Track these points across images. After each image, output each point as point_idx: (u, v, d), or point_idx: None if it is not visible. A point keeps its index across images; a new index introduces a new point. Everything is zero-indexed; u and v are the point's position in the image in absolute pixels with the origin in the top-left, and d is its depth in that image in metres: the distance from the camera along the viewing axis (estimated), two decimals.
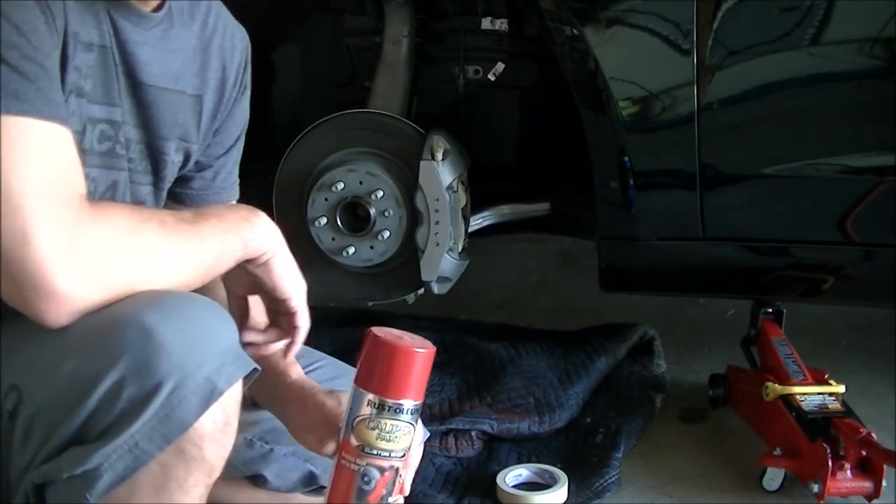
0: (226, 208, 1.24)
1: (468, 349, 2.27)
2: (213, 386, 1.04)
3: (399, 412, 1.18)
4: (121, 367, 1.01)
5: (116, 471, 1.02)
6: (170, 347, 1.02)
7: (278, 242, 1.24)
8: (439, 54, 2.22)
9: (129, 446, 1.01)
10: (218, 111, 1.40)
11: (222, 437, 1.07)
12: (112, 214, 1.08)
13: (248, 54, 1.44)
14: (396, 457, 1.20)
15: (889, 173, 1.84)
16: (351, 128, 2.08)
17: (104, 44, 1.18)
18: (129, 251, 1.07)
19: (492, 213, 2.20)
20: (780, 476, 1.80)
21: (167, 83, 1.28)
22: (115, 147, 1.23)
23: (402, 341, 1.19)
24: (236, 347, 1.10)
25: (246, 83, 1.45)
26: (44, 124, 1.03)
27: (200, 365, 1.03)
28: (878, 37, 1.77)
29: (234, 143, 1.47)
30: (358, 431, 1.19)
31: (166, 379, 1.01)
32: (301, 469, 1.45)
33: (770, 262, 1.99)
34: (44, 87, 1.04)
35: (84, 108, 1.16)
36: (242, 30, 1.43)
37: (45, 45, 1.06)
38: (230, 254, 1.18)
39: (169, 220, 1.12)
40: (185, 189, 1.44)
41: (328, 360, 1.55)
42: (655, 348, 2.33)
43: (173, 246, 1.10)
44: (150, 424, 1.01)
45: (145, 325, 1.02)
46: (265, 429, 1.42)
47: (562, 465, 1.88)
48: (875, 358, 2.37)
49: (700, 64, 1.80)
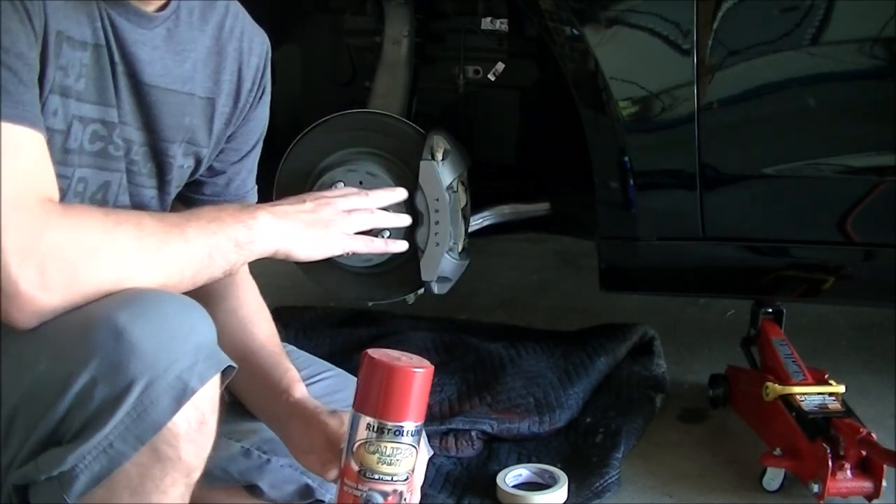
0: (222, 209, 1.22)
1: (468, 349, 2.27)
2: (185, 384, 1.03)
3: (400, 434, 1.16)
4: (92, 367, 1.00)
5: (92, 472, 1.01)
6: (141, 347, 1.01)
7: (284, 238, 1.23)
8: (439, 54, 2.22)
9: (103, 447, 1.01)
10: (233, 116, 1.37)
11: (198, 437, 1.06)
12: (82, 216, 1.08)
13: (267, 59, 1.41)
14: (399, 480, 1.18)
15: (889, 173, 1.84)
16: (351, 128, 2.07)
17: (98, 42, 1.16)
18: (98, 253, 1.06)
19: (492, 213, 2.20)
20: (780, 476, 1.80)
21: (171, 84, 1.26)
22: (107, 148, 1.21)
23: (399, 362, 1.17)
24: (211, 345, 1.08)
25: (264, 88, 1.41)
26: (9, 127, 1.03)
27: (172, 363, 1.02)
28: (878, 37, 1.77)
29: (249, 150, 1.44)
30: (358, 456, 1.17)
31: (137, 378, 1.00)
32: (297, 481, 1.43)
33: (770, 262, 1.99)
34: (11, 90, 1.03)
35: (71, 107, 1.14)
36: (263, 34, 1.40)
37: (16, 45, 1.05)
38: (221, 256, 1.16)
39: (147, 222, 1.11)
40: (197, 194, 1.42)
41: (332, 371, 1.53)
42: (655, 348, 2.33)
43: (149, 247, 1.09)
44: (124, 425, 1.01)
45: (116, 324, 1.01)
46: (263, 438, 1.40)
47: (562, 465, 1.88)
48: (875, 358, 2.37)
49: (700, 64, 1.80)
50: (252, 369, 1.34)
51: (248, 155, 1.45)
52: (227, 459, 1.36)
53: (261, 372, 1.36)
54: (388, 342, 2.31)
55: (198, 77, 1.30)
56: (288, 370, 1.37)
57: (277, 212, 1.25)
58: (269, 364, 1.37)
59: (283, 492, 1.43)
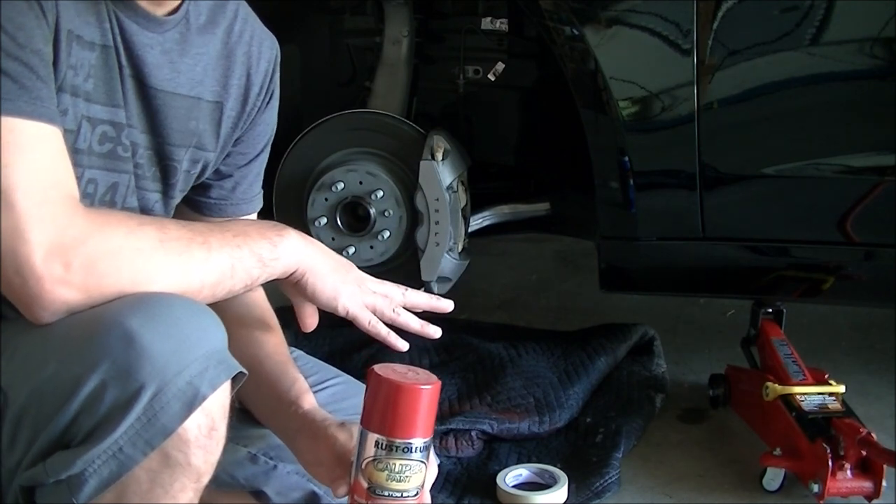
0: (250, 224, 1.22)
1: (468, 349, 2.27)
2: (196, 390, 1.02)
3: (409, 451, 1.15)
4: (102, 370, 1.00)
5: (101, 476, 1.01)
6: (151, 351, 1.01)
7: (310, 260, 1.23)
8: (439, 54, 2.22)
9: (113, 451, 1.00)
10: (240, 120, 1.36)
11: (208, 443, 1.06)
12: (106, 215, 1.08)
13: (276, 62, 1.40)
14: (410, 496, 1.17)
15: (889, 173, 1.84)
16: (351, 128, 2.08)
17: (106, 44, 1.16)
18: (121, 253, 1.06)
19: (492, 213, 2.20)
20: (780, 476, 1.80)
21: (179, 88, 1.25)
22: (116, 149, 1.21)
23: (405, 378, 1.16)
24: (222, 351, 1.07)
25: (272, 92, 1.40)
26: (27, 123, 1.03)
27: (182, 369, 1.02)
28: (878, 37, 1.77)
29: (257, 154, 1.43)
30: (368, 473, 1.16)
31: (147, 383, 1.00)
32: (303, 488, 1.42)
33: (770, 262, 1.99)
34: (29, 86, 1.03)
35: (80, 107, 1.14)
36: (272, 37, 1.39)
37: (32, 41, 1.05)
38: (244, 270, 1.16)
39: (170, 227, 1.11)
40: (202, 197, 1.41)
41: (341, 377, 1.52)
42: (655, 348, 2.33)
43: (171, 252, 1.09)
44: (133, 430, 1.00)
45: (127, 328, 1.01)
46: (271, 444, 1.38)
47: (562, 465, 1.87)
48: (875, 358, 2.37)
49: (700, 64, 1.80)
50: (260, 378, 1.33)
51: (255, 159, 1.44)
52: (234, 464, 1.35)
53: (269, 381, 1.35)
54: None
55: (207, 81, 1.29)
56: (297, 380, 1.36)
57: (308, 238, 1.25)
58: (277, 373, 1.35)
59: (288, 498, 1.42)
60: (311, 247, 1.25)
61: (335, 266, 1.28)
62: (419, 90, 2.21)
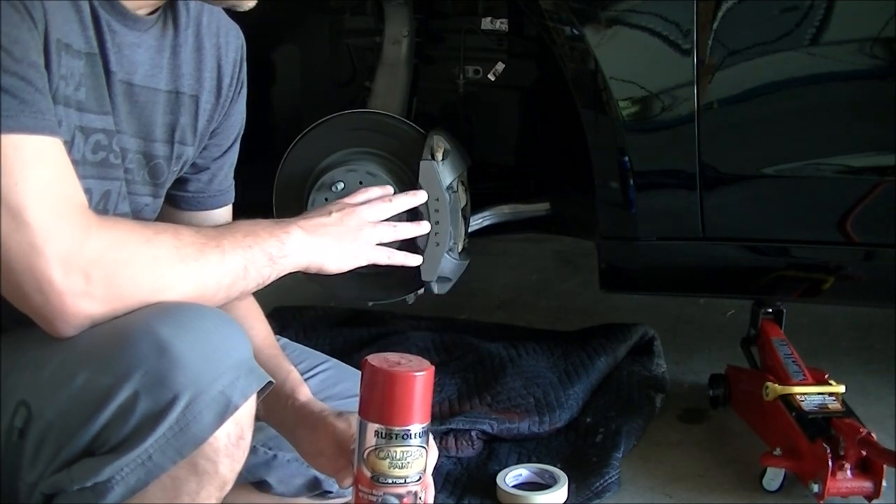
0: (256, 223, 1.24)
1: (468, 349, 2.27)
2: (228, 400, 1.03)
3: (408, 438, 1.17)
4: (135, 380, 1.00)
5: (128, 483, 1.01)
6: (184, 361, 1.01)
7: (316, 253, 1.25)
8: (439, 54, 2.21)
9: (142, 460, 1.01)
10: (215, 111, 1.38)
11: (236, 452, 1.07)
12: (120, 225, 1.08)
13: (242, 52, 1.41)
14: (413, 482, 1.19)
15: (889, 173, 1.84)
16: (351, 128, 2.07)
17: (91, 51, 1.16)
18: (138, 262, 1.06)
19: (492, 213, 2.20)
20: (780, 476, 1.80)
21: (160, 84, 1.27)
22: (108, 156, 1.21)
23: (399, 367, 1.18)
24: (250, 360, 1.09)
25: (242, 81, 1.42)
26: (31, 138, 1.02)
27: (215, 379, 1.02)
28: (878, 37, 1.77)
29: (230, 145, 1.45)
30: (370, 462, 1.18)
31: (181, 393, 1.00)
32: (305, 474, 1.44)
33: (770, 262, 1.99)
34: (28, 100, 1.03)
35: (72, 117, 1.14)
36: (237, 27, 1.41)
37: (28, 54, 1.04)
38: (256, 269, 1.17)
39: (185, 233, 1.12)
40: (180, 192, 1.43)
41: (330, 363, 1.53)
42: (655, 348, 2.33)
43: (187, 258, 1.10)
44: (165, 438, 1.00)
45: (159, 338, 1.01)
46: (269, 435, 1.41)
47: (562, 465, 1.88)
48: (875, 358, 2.37)
49: (700, 64, 1.80)
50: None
51: (229, 150, 1.46)
52: None
53: None
54: (388, 342, 2.31)
55: (184, 75, 1.31)
56: (290, 373, 1.37)
57: (309, 227, 1.28)
58: (270, 367, 1.35)
59: (290, 486, 1.44)
60: (314, 236, 1.26)
61: (338, 235, 1.32)
62: (419, 90, 2.21)
